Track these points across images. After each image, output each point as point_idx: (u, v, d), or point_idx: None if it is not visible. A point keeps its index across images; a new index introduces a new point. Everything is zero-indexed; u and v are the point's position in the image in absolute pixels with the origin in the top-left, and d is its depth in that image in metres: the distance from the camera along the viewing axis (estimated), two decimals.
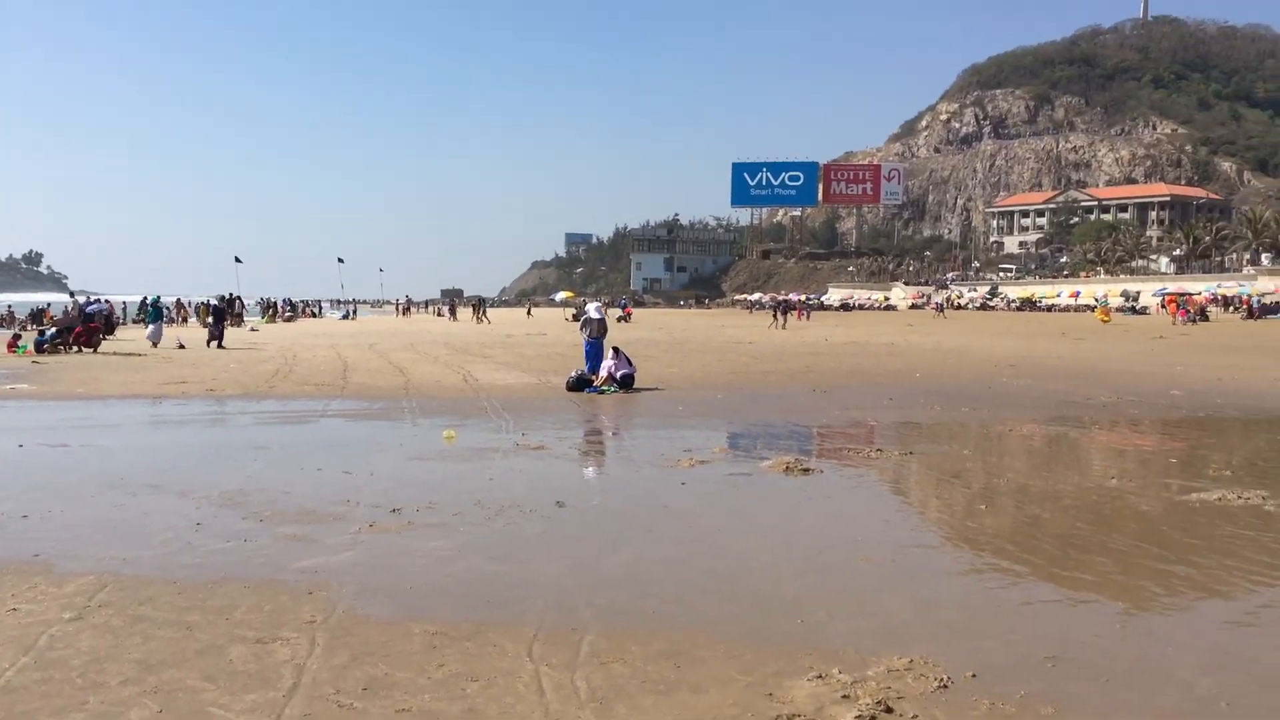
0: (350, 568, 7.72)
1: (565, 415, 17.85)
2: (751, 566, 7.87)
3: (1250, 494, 10.41)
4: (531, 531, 8.93)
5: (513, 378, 24.97)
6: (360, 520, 9.25)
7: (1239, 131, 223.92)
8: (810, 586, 7.30)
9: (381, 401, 19.59)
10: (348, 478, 11.42)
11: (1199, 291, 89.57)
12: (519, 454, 13.29)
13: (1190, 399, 20.21)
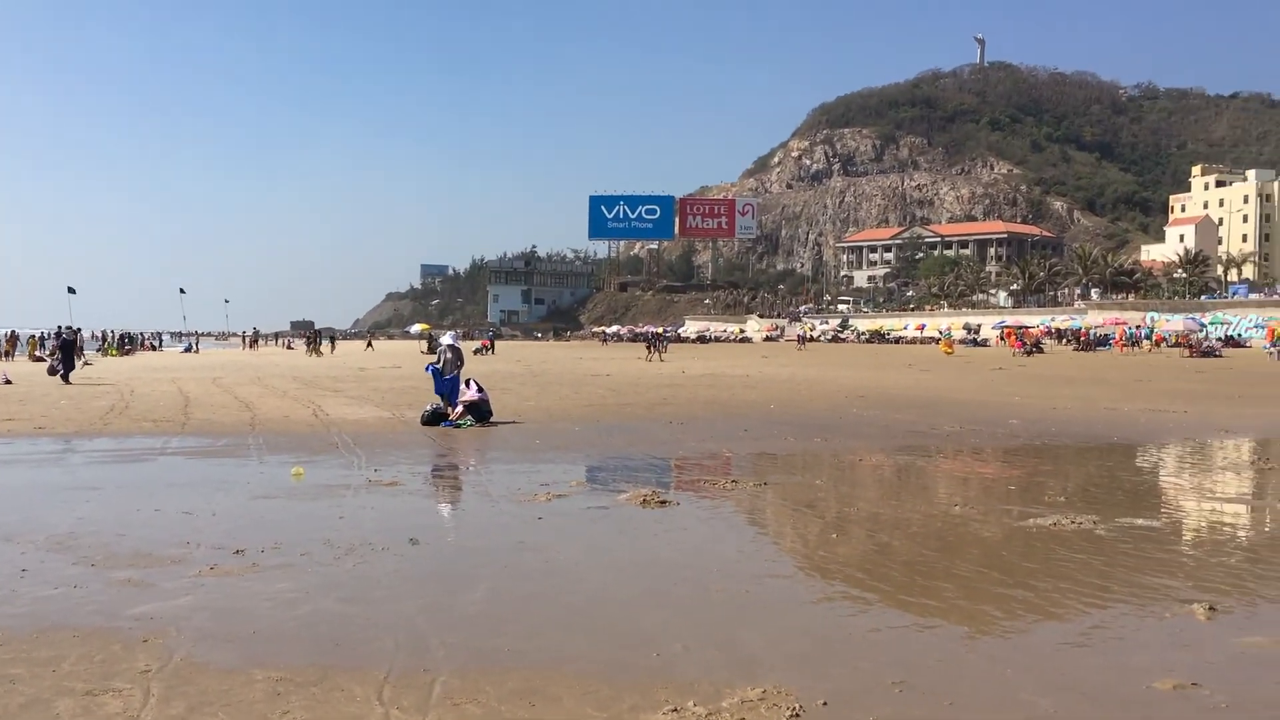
0: (189, 613, 7.37)
1: (420, 450, 17.54)
2: (608, 600, 7.84)
3: (1082, 519, 10.90)
4: (383, 570, 8.70)
5: (366, 412, 24.43)
6: (200, 563, 8.86)
7: (1069, 173, 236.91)
8: (666, 619, 7.30)
9: (225, 438, 18.89)
10: (188, 518, 10.94)
11: (1035, 324, 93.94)
12: (371, 491, 12.97)
13: (1027, 428, 21.10)
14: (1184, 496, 13.36)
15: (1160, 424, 22.16)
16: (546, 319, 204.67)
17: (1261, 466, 15.94)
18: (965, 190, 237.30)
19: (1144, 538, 10.12)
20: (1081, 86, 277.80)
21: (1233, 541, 10.32)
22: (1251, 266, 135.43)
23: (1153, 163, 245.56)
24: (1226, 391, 32.43)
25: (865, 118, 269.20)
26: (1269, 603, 7.79)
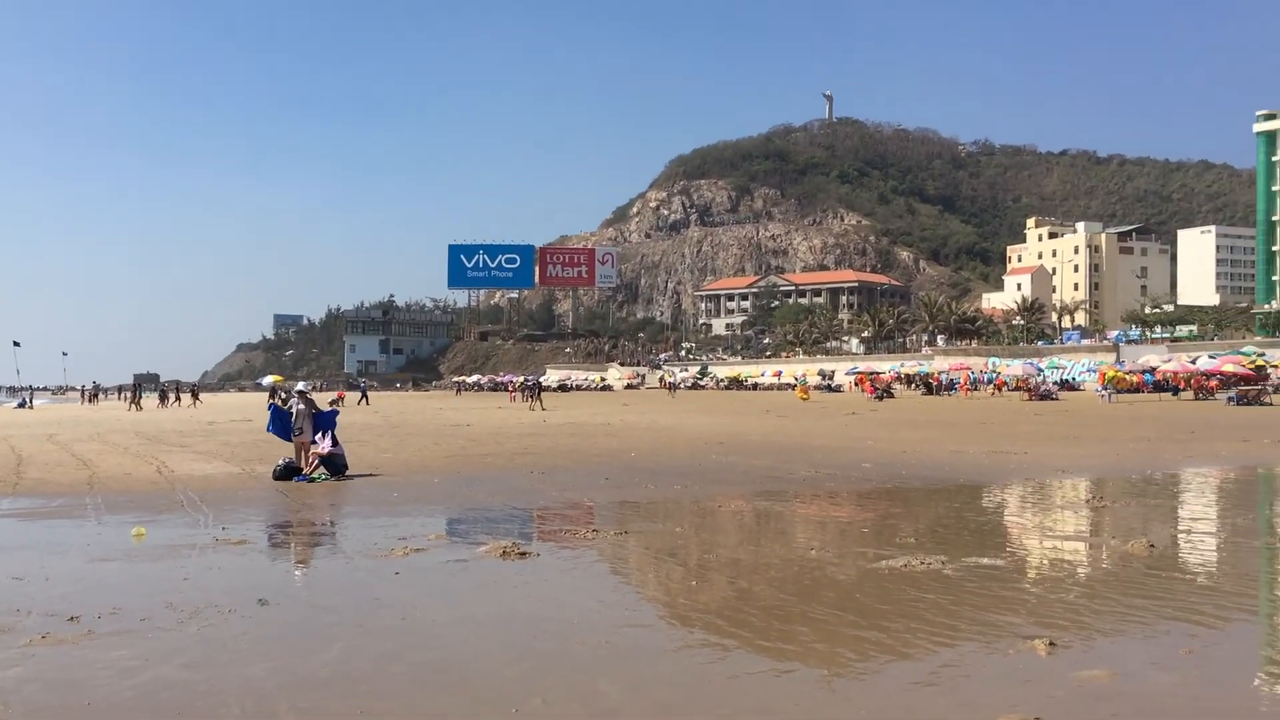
0: (18, 685, 6.94)
1: (271, 506, 16.99)
2: (466, 656, 7.70)
3: (932, 559, 11.24)
4: (230, 633, 8.37)
5: (214, 468, 23.57)
6: (32, 631, 8.37)
7: (914, 224, 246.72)
8: (525, 673, 7.21)
9: (61, 498, 17.94)
10: (19, 584, 10.33)
11: (886, 370, 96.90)
12: (218, 550, 12.49)
13: (880, 471, 21.69)
14: (1025, 535, 13.91)
15: (1002, 465, 23.06)
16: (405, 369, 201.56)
17: (1095, 505, 16.71)
18: (817, 240, 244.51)
19: (989, 576, 10.49)
20: (924, 142, 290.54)
21: (1071, 578, 10.78)
22: (1083, 314, 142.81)
23: (991, 215, 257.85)
24: (1063, 433, 33.98)
25: (721, 169, 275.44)
26: (1104, 636, 8.15)
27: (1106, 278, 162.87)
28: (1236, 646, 8.13)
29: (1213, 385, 60.32)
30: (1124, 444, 29.08)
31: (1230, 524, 14.75)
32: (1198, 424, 37.48)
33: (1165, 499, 18.13)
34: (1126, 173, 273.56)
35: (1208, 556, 12.16)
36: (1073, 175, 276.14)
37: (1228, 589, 10.08)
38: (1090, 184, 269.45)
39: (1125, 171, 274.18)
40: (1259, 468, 22.85)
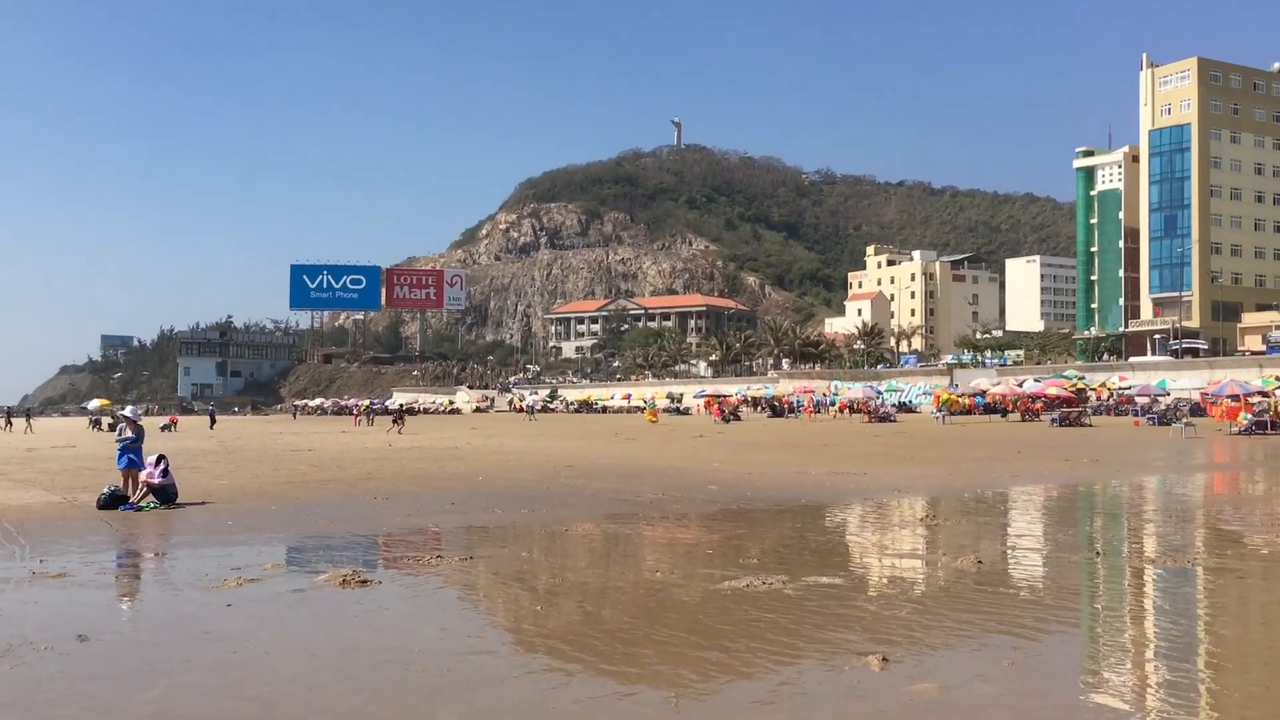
0: None
1: (95, 537, 16.15)
2: (301, 689, 7.46)
3: (773, 579, 11.46)
4: (46, 672, 7.91)
5: (32, 496, 22.28)
6: None
7: (760, 250, 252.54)
8: (363, 705, 7.03)
9: None
10: None
11: (733, 393, 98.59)
12: (34, 584, 11.80)
13: (725, 493, 22.02)
14: (863, 554, 14.32)
15: (843, 486, 23.71)
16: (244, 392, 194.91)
17: (930, 523, 17.34)
18: (666, 265, 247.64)
19: (828, 595, 10.76)
20: (769, 170, 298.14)
21: (905, 595, 11.14)
22: (920, 338, 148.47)
23: (833, 242, 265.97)
24: (900, 454, 35.18)
25: (571, 193, 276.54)
26: (934, 651, 8.44)
27: (941, 304, 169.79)
28: (1054, 657, 8.53)
29: (1038, 407, 63.44)
30: (957, 464, 30.28)
31: (1053, 540, 15.50)
32: (1024, 444, 39.33)
33: (994, 516, 18.94)
34: (959, 204, 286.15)
35: (1032, 571, 12.74)
36: (909, 205, 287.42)
37: (1048, 602, 10.58)
38: (926, 214, 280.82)
39: (958, 202, 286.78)
40: (1079, 486, 24.09)
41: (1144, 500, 21.57)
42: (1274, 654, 8.58)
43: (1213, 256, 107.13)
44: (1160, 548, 14.49)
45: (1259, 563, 12.90)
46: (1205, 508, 19.90)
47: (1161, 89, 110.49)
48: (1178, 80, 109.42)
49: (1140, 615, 10.35)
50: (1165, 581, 11.91)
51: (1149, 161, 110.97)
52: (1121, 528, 17.43)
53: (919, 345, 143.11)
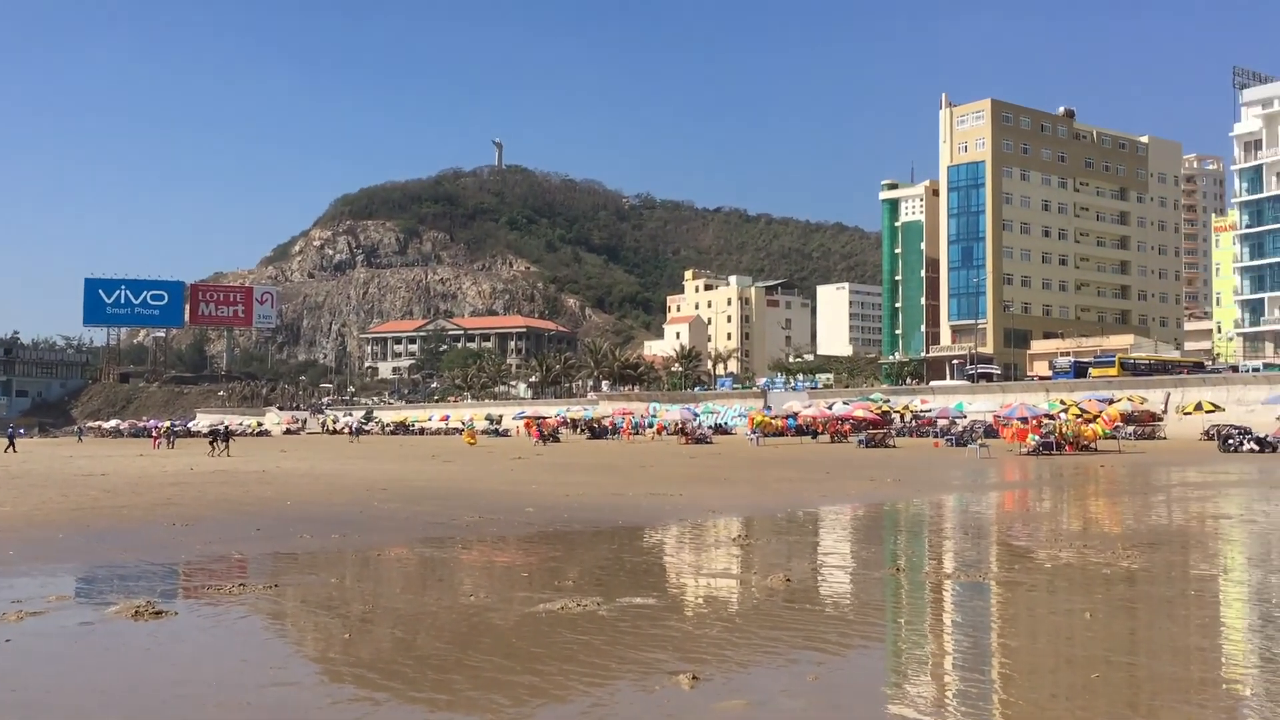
0: None
1: None
2: None
3: (588, 601, 11.48)
4: None
5: None
6: None
7: (580, 272, 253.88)
8: None
9: None
10: None
11: (552, 415, 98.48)
12: None
13: (542, 515, 21.95)
14: (677, 574, 14.51)
15: (660, 507, 23.98)
16: (30, 413, 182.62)
17: (742, 543, 17.72)
18: (487, 285, 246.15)
19: (641, 615, 10.85)
20: (590, 193, 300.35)
21: (716, 614, 11.34)
22: (735, 361, 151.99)
23: (653, 266, 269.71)
24: (715, 475, 35.85)
25: (389, 210, 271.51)
26: (742, 668, 8.62)
27: (756, 328, 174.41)
28: (857, 671, 8.84)
29: (846, 429, 65.76)
30: (769, 484, 31.08)
31: (858, 557, 16.08)
32: (833, 465, 40.70)
33: (804, 535, 19.51)
34: (773, 231, 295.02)
35: (838, 588, 13.18)
36: (726, 231, 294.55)
37: (852, 618, 10.96)
38: (742, 240, 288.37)
39: (772, 230, 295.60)
40: (884, 504, 25.10)
41: (943, 518, 22.63)
42: (1058, 663, 9.11)
43: (1005, 287, 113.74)
44: (957, 563, 15.22)
45: (1044, 576, 13.70)
46: (997, 524, 21.03)
47: (959, 127, 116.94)
48: (974, 120, 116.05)
49: (938, 629, 10.83)
50: (961, 596, 12.51)
51: (948, 195, 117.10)
52: (922, 544, 18.23)
53: (735, 368, 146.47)
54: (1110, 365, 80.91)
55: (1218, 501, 25.06)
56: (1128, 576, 13.36)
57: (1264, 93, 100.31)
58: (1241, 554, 16.29)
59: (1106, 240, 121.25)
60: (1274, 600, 11.97)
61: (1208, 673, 8.68)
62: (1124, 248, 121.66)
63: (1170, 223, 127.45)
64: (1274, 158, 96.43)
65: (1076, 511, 23.59)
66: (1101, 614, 11.11)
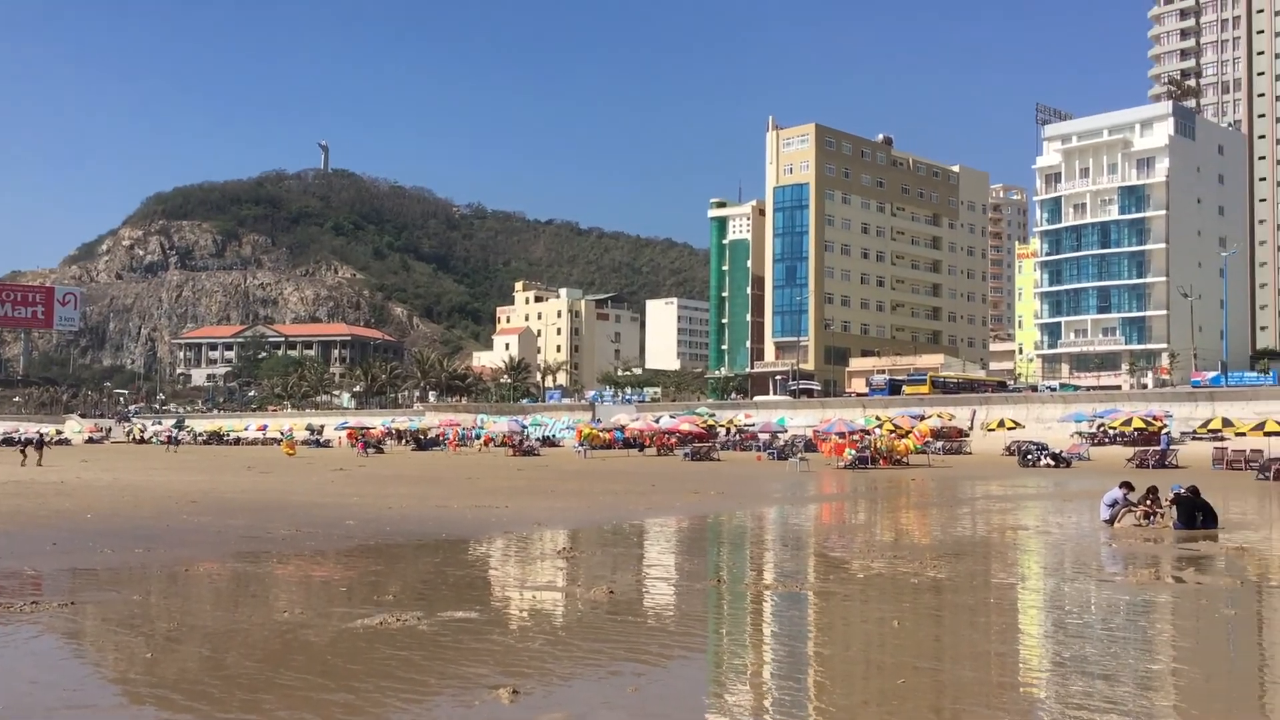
0: None
1: None
2: None
3: (408, 615, 11.25)
4: None
5: None
6: None
7: (409, 280, 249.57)
8: None
9: None
10: None
11: (377, 425, 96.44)
12: None
13: (364, 528, 21.42)
14: (501, 587, 14.39)
15: (486, 519, 23.76)
16: None
17: (568, 555, 17.71)
18: (310, 291, 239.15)
19: (463, 629, 10.70)
20: (420, 201, 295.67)
21: (538, 626, 11.29)
22: (565, 374, 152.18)
23: (483, 276, 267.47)
24: (542, 487, 35.78)
25: (206, 211, 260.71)
26: (564, 681, 8.60)
27: (586, 341, 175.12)
28: (677, 682, 8.94)
29: (672, 442, 66.66)
30: (596, 497, 31.20)
31: (681, 569, 16.29)
32: (659, 477, 41.17)
33: (629, 548, 19.65)
34: (604, 245, 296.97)
35: (660, 600, 13.32)
36: (558, 243, 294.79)
37: (673, 629, 11.09)
38: (573, 253, 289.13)
39: (603, 244, 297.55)
40: (708, 516, 25.53)
41: (764, 530, 23.18)
42: (869, 670, 9.44)
43: (826, 306, 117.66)
44: (776, 574, 15.60)
45: (858, 586, 14.19)
46: (815, 536, 21.67)
47: (785, 149, 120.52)
48: (798, 143, 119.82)
49: (757, 639, 11.07)
50: (780, 606, 12.82)
51: (773, 216, 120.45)
52: (744, 556, 18.62)
53: (564, 381, 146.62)
54: (922, 383, 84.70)
55: (1017, 514, 26.49)
56: (934, 586, 13.96)
57: (1063, 129, 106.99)
58: (1037, 563, 17.25)
59: (920, 263, 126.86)
60: (1066, 607, 12.71)
61: (1005, 677, 9.15)
62: (936, 271, 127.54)
63: (978, 249, 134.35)
64: (1072, 190, 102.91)
65: (889, 523, 24.54)
66: (909, 622, 11.57)
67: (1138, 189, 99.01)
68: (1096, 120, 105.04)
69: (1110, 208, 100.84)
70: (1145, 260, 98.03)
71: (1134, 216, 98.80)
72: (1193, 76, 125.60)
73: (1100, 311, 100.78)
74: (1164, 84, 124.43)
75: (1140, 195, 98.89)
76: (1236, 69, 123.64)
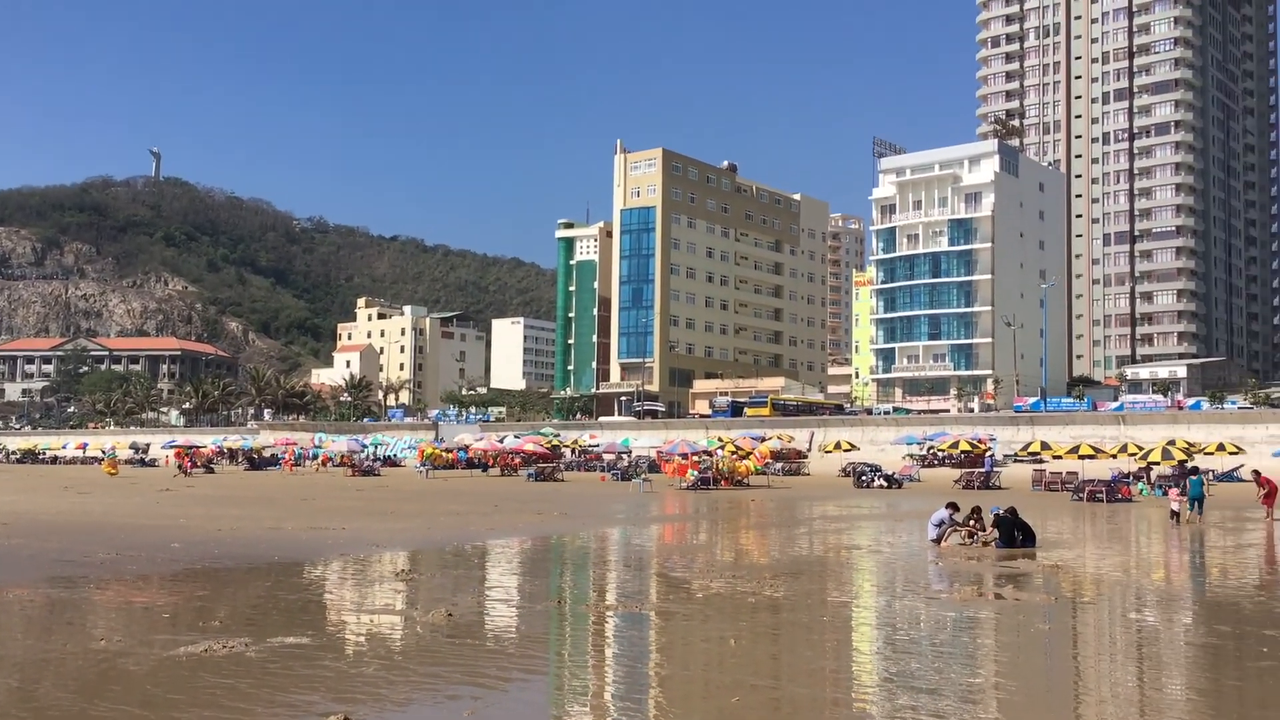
0: None
1: None
2: None
3: (236, 642, 10.82)
4: None
5: None
6: None
7: (245, 294, 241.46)
8: None
9: None
10: None
11: (207, 444, 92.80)
12: None
13: (190, 551, 20.54)
14: (336, 611, 13.99)
15: (321, 541, 23.09)
16: None
17: (407, 577, 17.36)
18: (137, 304, 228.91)
19: (293, 656, 10.35)
20: (258, 213, 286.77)
21: (373, 651, 11.01)
22: (408, 392, 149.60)
23: (324, 292, 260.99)
24: (382, 508, 35.00)
25: (25, 217, 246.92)
26: (398, 706, 8.41)
27: (430, 360, 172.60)
28: (514, 705, 8.84)
29: (516, 463, 66.23)
30: (438, 518, 30.71)
31: (523, 591, 16.17)
32: (502, 498, 40.81)
33: (470, 569, 19.38)
34: (450, 262, 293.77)
35: (500, 622, 13.17)
36: (403, 260, 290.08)
37: (513, 652, 10.98)
38: (418, 270, 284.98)
39: (449, 261, 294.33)
40: (550, 537, 25.42)
41: (607, 551, 23.22)
42: (707, 689, 9.53)
43: (672, 328, 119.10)
44: (618, 595, 15.64)
45: (697, 606, 14.34)
46: (657, 556, 21.82)
47: (633, 173, 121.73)
48: (646, 167, 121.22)
49: (598, 660, 11.06)
50: (621, 626, 12.84)
51: (620, 238, 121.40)
52: (586, 577, 18.61)
53: (407, 399, 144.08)
54: (763, 405, 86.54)
55: (851, 533, 27.28)
56: (772, 605, 14.22)
57: (898, 162, 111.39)
58: (870, 581, 17.78)
59: (763, 288, 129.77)
60: (895, 624, 13.13)
61: (839, 694, 9.37)
62: (777, 296, 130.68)
63: (818, 275, 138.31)
64: (906, 221, 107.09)
65: (729, 543, 24.92)
66: (747, 641, 11.75)
67: (966, 222, 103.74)
68: (928, 155, 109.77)
69: (941, 239, 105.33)
70: (973, 290, 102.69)
71: (962, 248, 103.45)
72: (1017, 117, 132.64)
73: (931, 338, 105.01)
74: (990, 123, 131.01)
75: (968, 228, 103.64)
76: (1057, 111, 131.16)
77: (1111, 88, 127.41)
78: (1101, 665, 10.93)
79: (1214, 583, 17.89)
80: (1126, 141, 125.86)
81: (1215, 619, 13.64)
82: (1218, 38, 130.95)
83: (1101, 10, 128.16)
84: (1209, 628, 13.00)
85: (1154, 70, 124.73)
